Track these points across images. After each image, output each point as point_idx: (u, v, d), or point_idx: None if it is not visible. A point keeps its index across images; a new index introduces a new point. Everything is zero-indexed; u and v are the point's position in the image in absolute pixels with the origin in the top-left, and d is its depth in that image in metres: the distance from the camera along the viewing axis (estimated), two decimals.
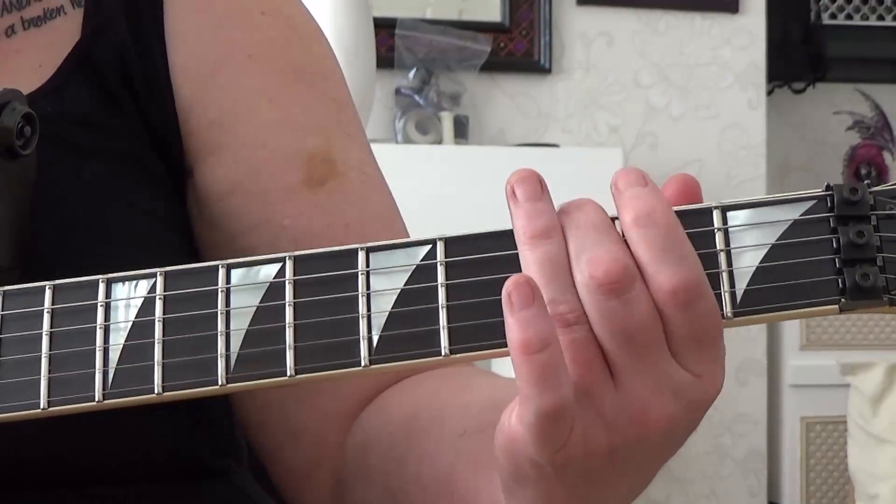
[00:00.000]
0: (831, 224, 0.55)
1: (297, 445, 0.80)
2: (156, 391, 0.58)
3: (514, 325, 0.52)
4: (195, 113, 0.80)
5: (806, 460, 3.06)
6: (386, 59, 2.87)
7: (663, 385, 0.54)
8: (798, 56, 3.35)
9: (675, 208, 0.55)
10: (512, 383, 0.55)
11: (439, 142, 2.86)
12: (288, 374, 0.57)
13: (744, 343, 3.06)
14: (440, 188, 2.63)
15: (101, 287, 0.60)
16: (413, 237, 0.84)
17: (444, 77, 2.93)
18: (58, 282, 0.61)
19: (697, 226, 0.55)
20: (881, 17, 3.40)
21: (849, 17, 3.39)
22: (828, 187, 0.55)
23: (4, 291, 0.61)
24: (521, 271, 0.55)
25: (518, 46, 3.02)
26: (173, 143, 0.80)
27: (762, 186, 3.09)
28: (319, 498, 0.80)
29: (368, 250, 0.58)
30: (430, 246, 0.57)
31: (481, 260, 0.56)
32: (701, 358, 0.54)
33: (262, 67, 0.81)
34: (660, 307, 0.54)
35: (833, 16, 3.38)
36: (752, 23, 3.11)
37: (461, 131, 2.90)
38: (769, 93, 3.26)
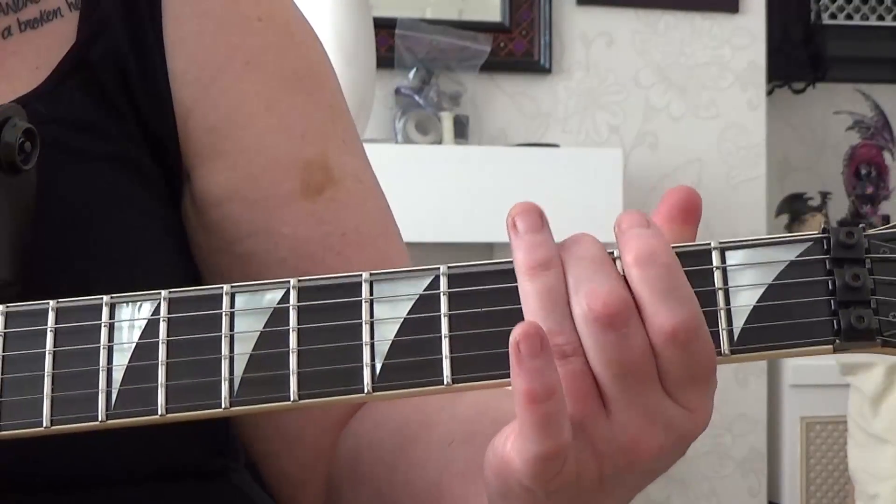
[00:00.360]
0: (827, 266, 0.56)
1: (291, 453, 0.81)
2: (159, 413, 0.58)
3: (520, 375, 0.53)
4: (194, 117, 0.80)
5: (806, 460, 3.06)
6: (386, 59, 2.87)
7: (655, 418, 0.55)
8: (798, 56, 3.35)
9: (675, 246, 0.56)
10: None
11: (439, 142, 2.86)
12: (291, 399, 0.57)
13: None
14: (440, 188, 2.63)
15: (105, 307, 0.60)
16: (412, 237, 0.85)
17: (444, 77, 2.94)
18: (62, 301, 0.61)
19: (696, 264, 0.56)
20: (881, 17, 3.40)
21: (849, 17, 3.38)
22: (824, 230, 0.56)
23: (7, 309, 0.61)
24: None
25: (518, 46, 3.02)
26: (171, 147, 0.80)
27: (762, 186, 3.09)
28: (314, 502, 0.80)
29: (372, 278, 0.58)
30: (433, 276, 0.57)
31: (484, 291, 0.57)
32: (694, 394, 0.55)
33: (259, 74, 0.81)
34: (656, 346, 0.54)
35: (833, 16, 3.37)
36: (752, 23, 3.11)
37: (461, 131, 2.90)
38: (769, 93, 3.26)
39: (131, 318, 0.60)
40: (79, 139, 0.77)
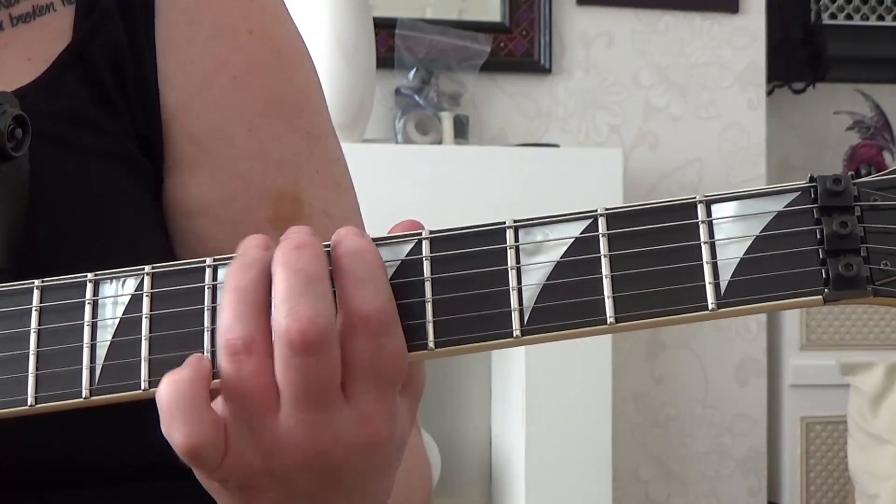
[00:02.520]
0: (815, 215, 0.55)
1: None
2: (142, 387, 0.58)
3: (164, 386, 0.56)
4: (178, 123, 0.81)
5: (806, 460, 3.06)
6: (386, 59, 2.87)
7: (325, 426, 0.57)
8: (798, 56, 3.34)
9: (661, 202, 0.56)
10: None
11: (439, 142, 2.86)
12: None
13: (744, 343, 3.06)
14: (440, 188, 2.63)
15: (89, 285, 0.60)
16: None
17: (444, 77, 2.93)
18: (46, 280, 0.61)
19: (682, 218, 0.55)
20: (881, 17, 3.40)
21: (849, 17, 3.38)
22: (811, 179, 0.55)
23: None
24: (506, 265, 0.56)
25: (518, 46, 3.02)
26: (155, 149, 0.81)
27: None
28: None
29: None
30: (414, 242, 0.57)
31: (466, 255, 0.57)
32: (373, 398, 0.57)
33: (244, 93, 0.82)
34: (348, 330, 0.56)
35: (833, 16, 3.37)
36: (752, 23, 3.11)
37: (461, 131, 2.90)
38: (769, 93, 3.26)
39: (115, 294, 0.60)
40: (77, 133, 0.78)
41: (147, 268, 0.60)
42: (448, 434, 2.86)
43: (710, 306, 0.54)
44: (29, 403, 0.59)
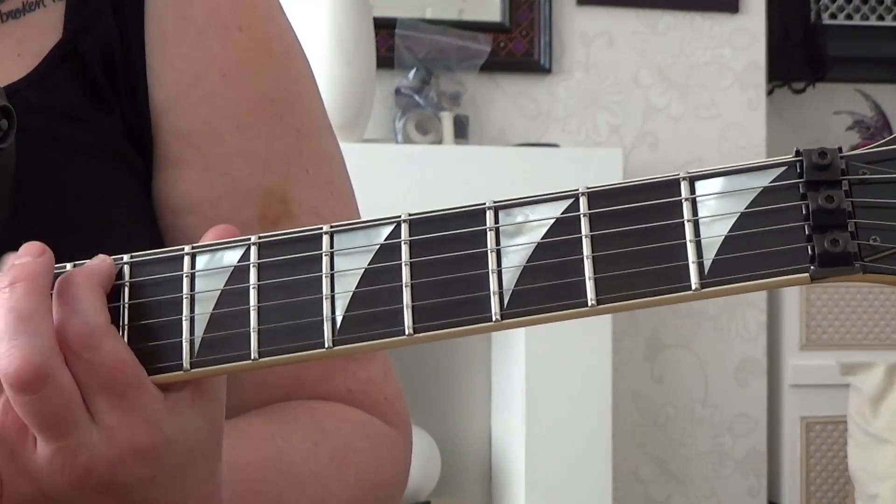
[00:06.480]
0: (801, 190, 0.53)
1: None
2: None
3: None
4: (167, 120, 0.80)
5: (806, 460, 3.05)
6: (386, 59, 2.86)
7: (72, 449, 0.57)
8: (798, 56, 3.34)
9: (643, 180, 0.54)
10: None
11: (439, 142, 2.85)
12: (252, 357, 0.56)
13: (744, 343, 3.05)
14: (440, 188, 2.63)
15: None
16: None
17: (444, 77, 2.93)
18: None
19: (664, 196, 0.54)
20: (881, 17, 3.39)
21: (849, 17, 3.37)
22: (797, 153, 0.53)
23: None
24: (485, 247, 0.55)
25: (518, 46, 3.02)
26: (145, 145, 0.81)
27: None
28: None
29: (333, 231, 0.57)
30: (394, 225, 0.56)
31: (445, 238, 0.56)
32: (108, 409, 0.57)
33: (234, 91, 0.81)
34: (67, 356, 0.57)
35: (833, 16, 3.36)
36: (752, 23, 3.11)
37: (461, 131, 2.90)
38: (769, 93, 3.26)
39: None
40: (67, 129, 0.77)
41: (126, 257, 0.60)
42: (448, 434, 2.86)
43: (693, 286, 0.52)
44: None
